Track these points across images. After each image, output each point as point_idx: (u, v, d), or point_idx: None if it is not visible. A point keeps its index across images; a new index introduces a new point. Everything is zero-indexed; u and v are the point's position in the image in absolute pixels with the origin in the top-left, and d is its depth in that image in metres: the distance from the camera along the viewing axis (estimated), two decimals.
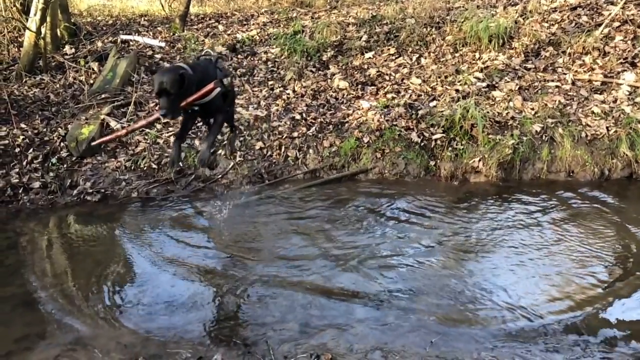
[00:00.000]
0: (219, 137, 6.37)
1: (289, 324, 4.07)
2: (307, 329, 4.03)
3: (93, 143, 3.96)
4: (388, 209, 6.28)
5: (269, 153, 7.63)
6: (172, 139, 6.83)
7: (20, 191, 6.58)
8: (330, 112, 8.19)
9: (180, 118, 4.57)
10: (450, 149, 7.27)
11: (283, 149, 7.62)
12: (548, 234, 5.54)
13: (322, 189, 7.00)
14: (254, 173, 7.38)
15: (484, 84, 8.24)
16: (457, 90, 8.16)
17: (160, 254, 5.28)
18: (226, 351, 3.68)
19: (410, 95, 8.29)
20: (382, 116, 7.79)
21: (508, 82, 8.24)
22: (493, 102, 7.84)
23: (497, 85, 8.24)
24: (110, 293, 4.58)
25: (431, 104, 7.98)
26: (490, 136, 7.23)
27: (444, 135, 7.39)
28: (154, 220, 6.15)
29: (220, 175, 7.35)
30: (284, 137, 7.76)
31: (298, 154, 7.57)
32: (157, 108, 3.84)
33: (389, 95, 8.35)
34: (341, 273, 4.85)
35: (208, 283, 4.74)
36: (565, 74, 8.26)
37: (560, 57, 8.63)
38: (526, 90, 8.07)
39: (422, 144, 7.36)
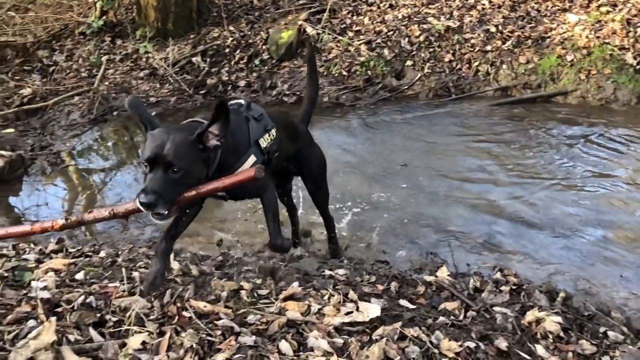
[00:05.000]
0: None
1: (472, 235, 4.12)
2: (489, 243, 4.04)
3: None
4: (586, 137, 5.77)
5: (458, 66, 7.40)
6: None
7: (229, 88, 7.35)
8: (531, 25, 7.56)
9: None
10: None
11: (474, 63, 7.32)
12: None
13: (513, 109, 6.66)
14: (441, 86, 7.26)
15: None
16: None
17: (347, 160, 5.57)
18: (410, 249, 3.89)
19: (630, 10, 7.25)
20: (592, 32, 6.99)
21: None
22: None
23: None
24: None
25: None
26: None
27: None
28: (342, 124, 6.48)
29: (406, 87, 7.36)
30: (475, 50, 7.43)
31: (490, 69, 7.23)
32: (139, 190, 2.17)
33: (603, 9, 7.40)
34: (527, 196, 4.68)
35: (390, 187, 4.91)
36: None
37: None
38: None
39: (638, 66, 6.50)
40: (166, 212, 2.18)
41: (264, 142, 2.66)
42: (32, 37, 8.32)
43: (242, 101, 2.75)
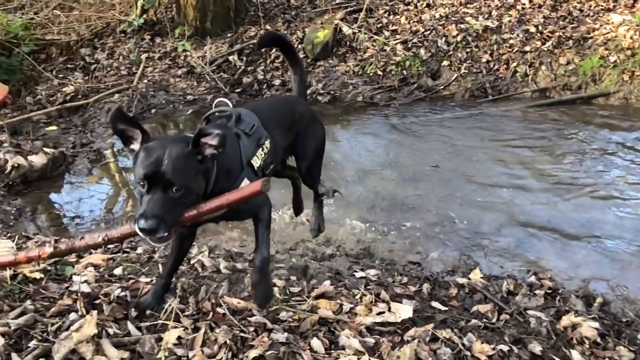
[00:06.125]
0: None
1: (505, 239, 4.06)
2: (523, 246, 3.98)
3: None
4: (626, 142, 5.59)
5: (496, 67, 7.30)
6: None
7: (264, 86, 7.42)
8: (572, 25, 7.39)
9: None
10: None
11: (512, 64, 7.21)
12: None
13: (551, 111, 6.52)
14: (478, 87, 7.17)
15: None
16: None
17: (379, 160, 5.57)
18: (442, 251, 3.86)
19: None
20: (637, 33, 6.77)
21: None
22: None
23: None
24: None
25: None
26: None
27: None
28: (376, 125, 6.46)
29: (442, 87, 7.30)
30: (514, 50, 7.30)
31: (528, 70, 7.10)
32: (137, 214, 1.92)
33: None
34: (563, 203, 4.56)
35: (422, 189, 4.88)
36: None
37: None
38: None
39: None
40: (166, 234, 1.95)
41: (257, 160, 2.35)
42: (75, 36, 8.57)
43: (228, 109, 2.42)
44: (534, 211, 4.45)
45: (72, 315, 2.25)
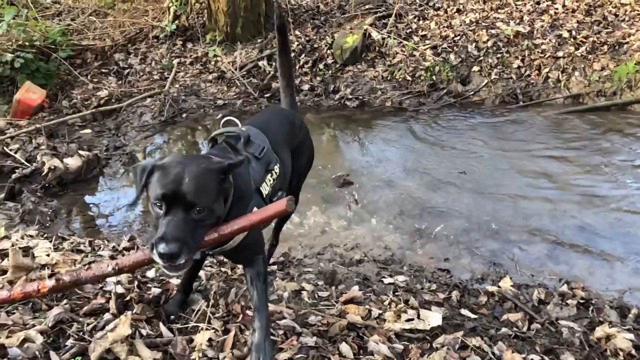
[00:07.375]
0: None
1: (535, 247, 3.99)
2: (553, 255, 3.91)
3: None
4: None
5: (527, 72, 7.21)
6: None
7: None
8: (607, 30, 7.24)
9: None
10: None
11: (543, 69, 7.10)
12: None
13: (583, 119, 6.38)
14: (509, 92, 7.09)
15: None
16: None
17: (406, 165, 5.54)
18: (471, 259, 3.83)
19: None
20: None
21: None
22: None
23: None
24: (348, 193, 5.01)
25: None
26: None
27: None
28: (403, 130, 6.44)
29: (472, 92, 7.23)
30: (546, 56, 7.20)
31: (561, 76, 6.99)
32: (155, 239, 1.73)
33: None
34: (596, 215, 4.42)
35: (450, 194, 4.84)
36: None
37: None
38: None
39: None
40: (184, 261, 1.74)
41: (266, 187, 2.18)
42: (110, 41, 8.78)
43: (237, 130, 2.22)
44: (564, 222, 4.35)
45: (107, 315, 2.31)
